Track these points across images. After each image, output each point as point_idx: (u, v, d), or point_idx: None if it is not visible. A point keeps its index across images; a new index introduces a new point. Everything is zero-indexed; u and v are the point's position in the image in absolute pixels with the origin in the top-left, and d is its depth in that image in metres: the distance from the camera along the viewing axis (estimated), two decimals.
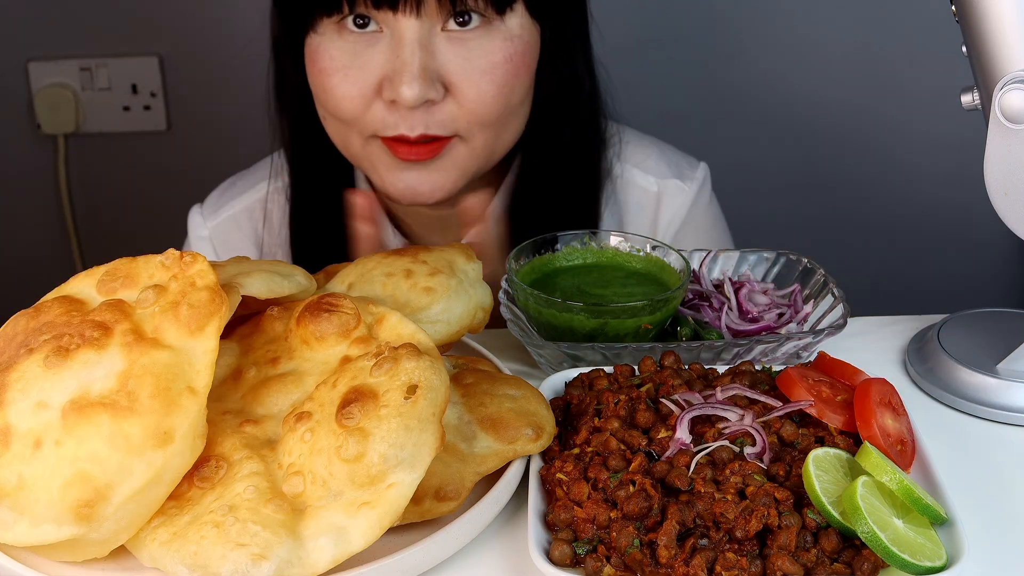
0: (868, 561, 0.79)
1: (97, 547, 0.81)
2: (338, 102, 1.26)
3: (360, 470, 0.79)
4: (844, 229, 2.37)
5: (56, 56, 2.32)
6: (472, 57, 1.23)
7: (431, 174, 1.29)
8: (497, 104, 1.26)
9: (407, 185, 1.30)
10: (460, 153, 1.29)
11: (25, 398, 0.82)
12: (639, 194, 1.49)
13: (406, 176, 1.29)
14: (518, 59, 1.26)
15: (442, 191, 1.31)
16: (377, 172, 1.31)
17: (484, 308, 1.05)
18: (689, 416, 0.91)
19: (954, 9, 1.01)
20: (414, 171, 1.29)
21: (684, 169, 1.52)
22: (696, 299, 1.19)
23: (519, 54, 1.26)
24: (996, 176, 1.00)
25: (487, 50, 1.24)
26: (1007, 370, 1.07)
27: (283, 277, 0.95)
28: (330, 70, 1.25)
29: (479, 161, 1.32)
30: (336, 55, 1.25)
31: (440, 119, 1.25)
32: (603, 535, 0.83)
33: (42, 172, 2.41)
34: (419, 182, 1.30)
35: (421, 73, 1.21)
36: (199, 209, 1.54)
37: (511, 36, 1.25)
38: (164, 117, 2.37)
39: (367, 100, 1.25)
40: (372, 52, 1.23)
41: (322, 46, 1.26)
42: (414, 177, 1.29)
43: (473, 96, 1.24)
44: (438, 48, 1.23)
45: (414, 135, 1.24)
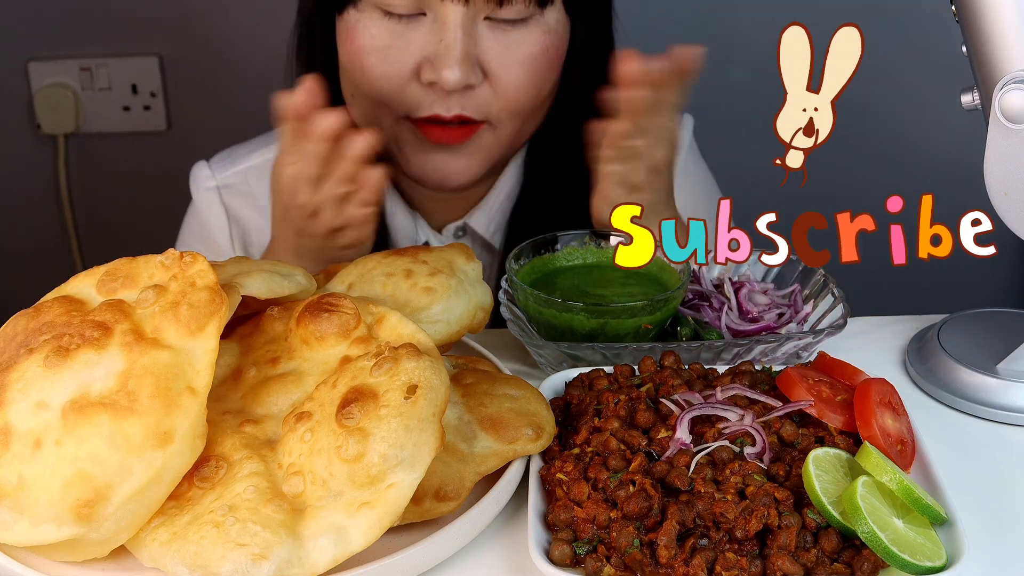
0: (868, 561, 0.79)
1: (97, 547, 0.81)
2: (375, 81, 1.27)
3: (360, 470, 0.79)
4: None
5: (56, 56, 2.32)
6: (512, 47, 1.26)
7: (459, 158, 1.32)
8: (530, 95, 1.29)
9: (434, 167, 1.32)
10: (488, 140, 1.32)
11: (25, 398, 0.82)
12: None
13: (434, 158, 1.32)
14: (553, 52, 1.29)
15: (467, 175, 1.33)
16: (404, 154, 1.33)
17: (484, 308, 1.05)
18: (689, 416, 0.91)
19: (954, 9, 1.01)
20: (442, 154, 1.31)
21: None
22: (696, 299, 1.19)
23: (554, 47, 1.29)
24: (996, 176, 1.00)
25: (527, 41, 1.27)
26: (1007, 370, 1.07)
27: (283, 277, 0.95)
28: (369, 48, 1.26)
29: (503, 149, 1.35)
30: (377, 34, 1.25)
31: (476, 103, 1.27)
32: (603, 535, 0.83)
33: (42, 172, 2.41)
34: (446, 165, 1.32)
35: (464, 57, 1.23)
36: (206, 163, 1.52)
37: (549, 29, 1.28)
38: (164, 117, 2.37)
39: (404, 80, 1.26)
40: (414, 33, 1.25)
41: (361, 23, 1.26)
42: (441, 160, 1.32)
43: (510, 85, 1.27)
44: (480, 35, 1.25)
45: (450, 115, 1.26)
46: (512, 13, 1.24)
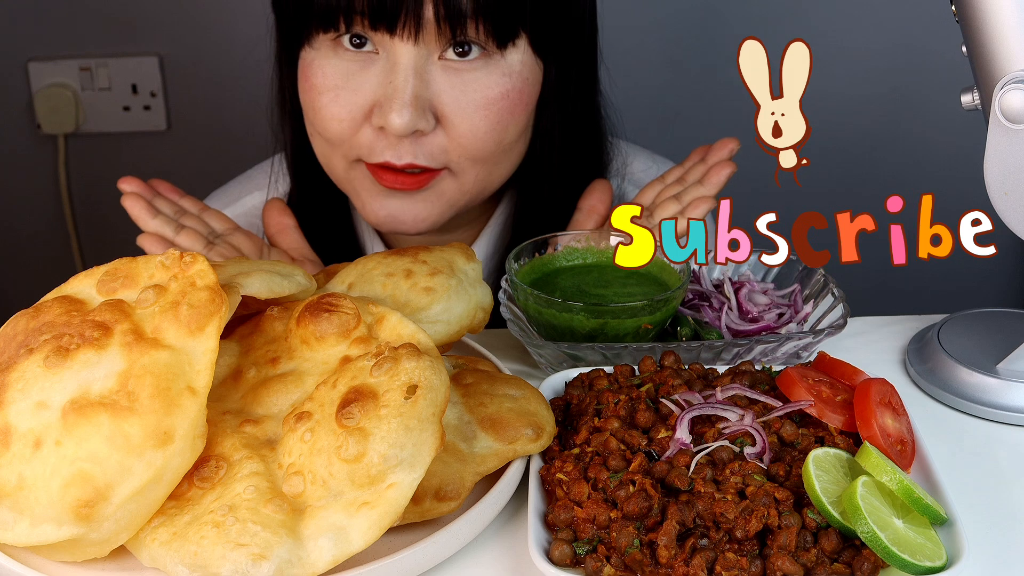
0: (868, 561, 0.79)
1: (97, 547, 0.81)
2: (326, 122, 1.22)
3: (360, 470, 0.79)
4: None
5: (56, 56, 2.32)
6: (468, 90, 1.19)
7: (415, 204, 1.26)
8: (490, 140, 1.22)
9: (388, 213, 1.26)
10: (449, 186, 1.26)
11: (25, 398, 0.82)
12: None
13: (389, 204, 1.26)
14: (515, 96, 1.22)
15: (425, 223, 1.27)
16: (360, 197, 1.28)
17: (484, 308, 1.05)
18: (689, 416, 0.91)
19: (954, 9, 1.01)
20: (397, 199, 1.25)
21: None
22: (696, 299, 1.19)
23: (516, 91, 1.22)
24: (996, 176, 1.00)
25: (484, 84, 1.20)
26: (1007, 370, 1.07)
27: (283, 277, 0.95)
28: (321, 88, 1.21)
29: (468, 196, 1.28)
30: (329, 73, 1.21)
31: (429, 150, 1.21)
32: (603, 535, 0.83)
33: (42, 172, 2.41)
34: (402, 211, 1.26)
35: (413, 101, 1.17)
36: None
37: (510, 72, 1.21)
38: (164, 117, 2.37)
39: (356, 123, 1.21)
40: (366, 75, 1.20)
41: (316, 62, 1.22)
42: (397, 206, 1.26)
43: (465, 130, 1.20)
44: (433, 77, 1.19)
45: (400, 163, 1.21)
46: (465, 54, 1.18)
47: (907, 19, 2.19)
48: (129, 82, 2.33)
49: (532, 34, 1.21)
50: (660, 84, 2.23)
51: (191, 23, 2.29)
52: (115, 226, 2.47)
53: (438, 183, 1.25)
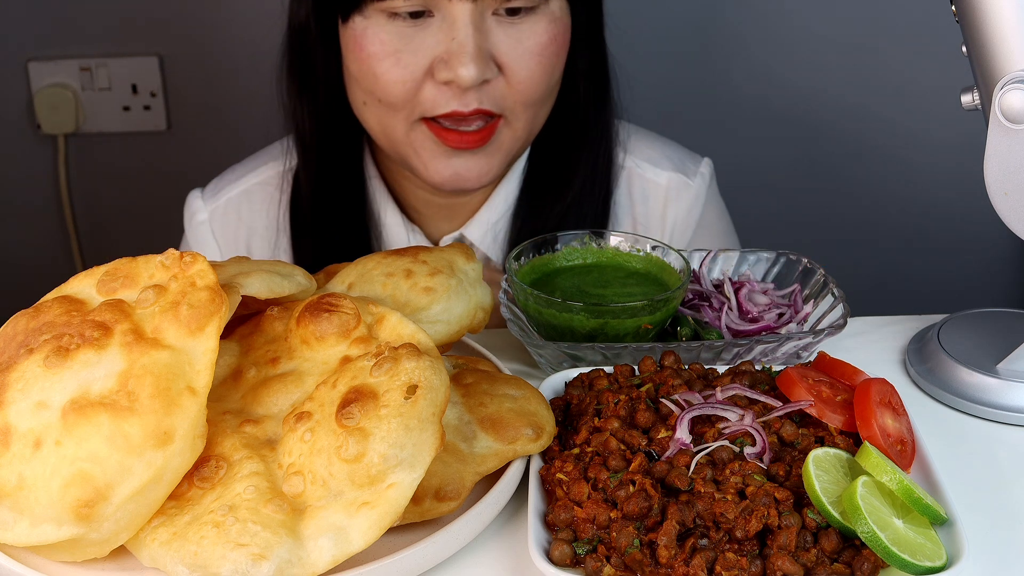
0: (868, 561, 0.79)
1: (97, 547, 0.81)
2: (389, 86, 1.27)
3: (360, 470, 0.79)
4: (844, 229, 2.37)
5: (56, 56, 2.32)
6: (523, 39, 1.27)
7: (478, 160, 1.32)
8: (543, 84, 1.30)
9: (454, 172, 1.32)
10: (505, 137, 1.32)
11: (25, 398, 0.82)
12: (648, 186, 1.50)
13: (453, 163, 1.31)
14: (561, 40, 1.30)
15: (488, 176, 1.33)
16: (421, 159, 1.32)
17: (484, 308, 1.05)
18: (689, 416, 0.91)
19: (954, 9, 1.01)
20: (461, 158, 1.31)
21: (688, 165, 1.53)
22: (696, 299, 1.19)
23: (561, 35, 1.30)
24: (996, 176, 1.00)
25: (535, 31, 1.27)
26: (1007, 370, 1.07)
27: (283, 277, 0.95)
28: (381, 54, 1.26)
29: (519, 143, 1.35)
30: (386, 39, 1.25)
31: (492, 97, 1.27)
32: (603, 535, 0.83)
33: (42, 172, 2.41)
34: (466, 169, 1.32)
35: (477, 53, 1.23)
36: (199, 193, 1.53)
37: (554, 18, 1.29)
38: (164, 117, 2.37)
39: (418, 82, 1.27)
40: (424, 35, 1.25)
41: (369, 30, 1.26)
42: (461, 164, 1.31)
43: (524, 77, 1.28)
44: (490, 29, 1.25)
45: (468, 110, 1.26)
46: (520, 3, 1.25)
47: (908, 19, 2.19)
48: (129, 82, 2.33)
49: None
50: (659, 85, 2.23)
51: (191, 23, 2.29)
52: (115, 226, 2.47)
53: (497, 136, 1.31)
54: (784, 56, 2.25)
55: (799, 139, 2.32)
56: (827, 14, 2.23)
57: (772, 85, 2.28)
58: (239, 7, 2.25)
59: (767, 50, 2.26)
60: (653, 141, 1.54)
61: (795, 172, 2.35)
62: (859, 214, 2.36)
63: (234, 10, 2.26)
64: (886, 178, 2.33)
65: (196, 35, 2.30)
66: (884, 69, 2.24)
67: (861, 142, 2.31)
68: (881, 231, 2.38)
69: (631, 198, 1.49)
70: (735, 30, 2.24)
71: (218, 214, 1.51)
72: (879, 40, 2.23)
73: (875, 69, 2.25)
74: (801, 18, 2.23)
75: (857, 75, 2.25)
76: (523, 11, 1.27)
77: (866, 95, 2.26)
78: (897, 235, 2.37)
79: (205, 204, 1.52)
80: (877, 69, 2.25)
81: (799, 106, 2.29)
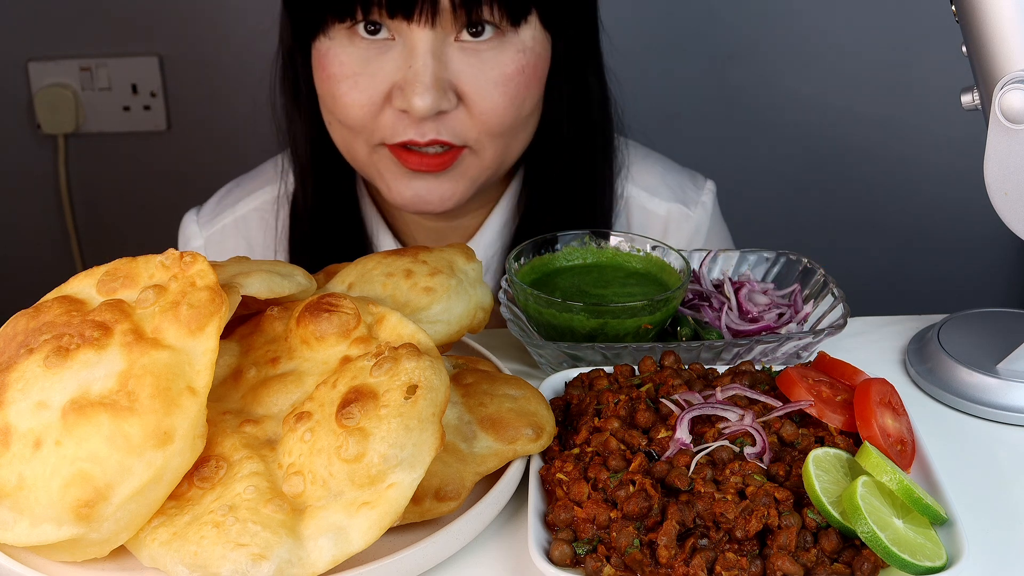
0: (868, 561, 0.79)
1: (97, 547, 0.81)
2: (347, 109, 1.25)
3: (360, 470, 0.79)
4: (844, 229, 2.37)
5: (56, 56, 2.32)
6: (485, 68, 1.23)
7: (441, 184, 1.29)
8: (508, 115, 1.26)
9: (415, 194, 1.29)
10: (471, 164, 1.29)
11: (25, 398, 0.82)
12: (647, 217, 1.48)
13: (414, 185, 1.28)
14: (530, 71, 1.26)
15: (451, 201, 1.30)
16: (384, 180, 1.30)
17: (484, 308, 1.05)
18: (689, 416, 0.91)
19: (954, 9, 1.01)
20: (422, 180, 1.28)
21: (689, 192, 1.50)
22: (696, 299, 1.19)
23: (531, 66, 1.26)
24: (996, 176, 1.00)
25: (500, 61, 1.23)
26: (1007, 370, 1.07)
27: (283, 277, 0.95)
28: (339, 76, 1.24)
29: (489, 171, 1.31)
30: (346, 61, 1.23)
31: (451, 127, 1.24)
32: (603, 535, 0.83)
33: (42, 172, 2.41)
34: (428, 191, 1.29)
35: (434, 83, 1.20)
36: (195, 217, 1.52)
37: (524, 48, 1.25)
38: (164, 117, 2.37)
39: (376, 107, 1.24)
40: (383, 60, 1.22)
41: (331, 51, 1.24)
42: (422, 186, 1.28)
43: (486, 107, 1.24)
44: (451, 58, 1.22)
45: (424, 140, 1.23)
46: (481, 33, 1.21)
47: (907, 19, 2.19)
48: (129, 82, 2.33)
49: (541, 10, 1.25)
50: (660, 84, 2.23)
51: (191, 23, 2.29)
52: (115, 226, 2.47)
53: (460, 162, 1.28)
54: (785, 58, 2.25)
55: (799, 140, 2.32)
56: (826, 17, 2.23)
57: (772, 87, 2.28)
58: (239, 8, 2.25)
59: (768, 52, 2.26)
60: (653, 165, 1.51)
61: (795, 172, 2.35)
62: (859, 214, 2.36)
63: (234, 11, 2.26)
64: (886, 178, 2.33)
65: (196, 35, 2.30)
66: (883, 70, 2.24)
67: (861, 142, 2.31)
68: (881, 231, 2.38)
69: (626, 226, 1.47)
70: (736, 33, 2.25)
71: (214, 240, 1.50)
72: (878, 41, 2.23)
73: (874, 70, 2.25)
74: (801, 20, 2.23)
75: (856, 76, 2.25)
76: (487, 40, 1.22)
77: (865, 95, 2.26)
78: (897, 235, 2.37)
79: (201, 230, 1.51)
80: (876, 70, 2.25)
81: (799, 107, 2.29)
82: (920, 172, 2.31)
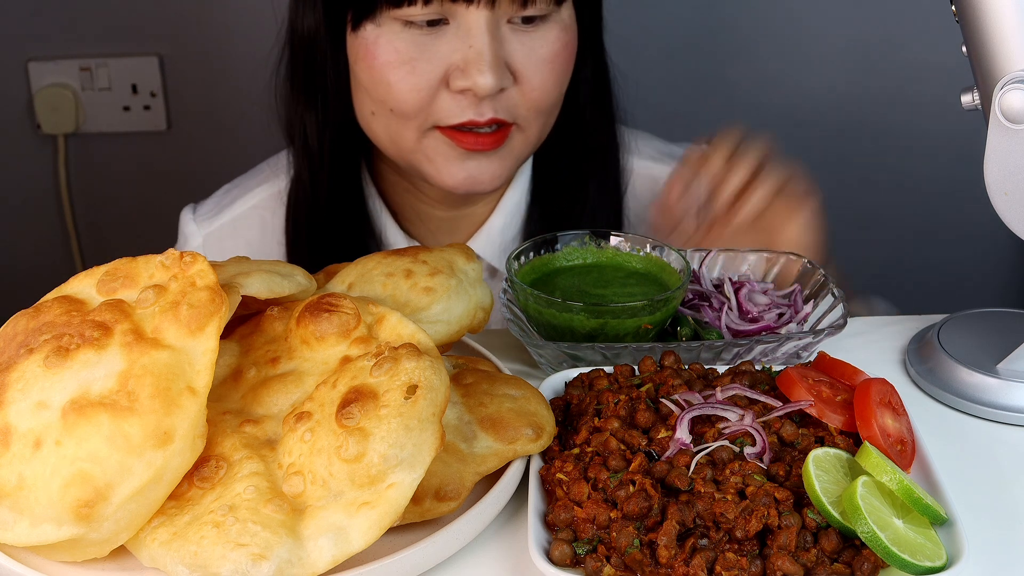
0: (868, 561, 0.79)
1: (97, 547, 0.81)
2: (404, 95, 1.26)
3: (360, 470, 0.79)
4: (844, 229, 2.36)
5: (56, 56, 2.32)
6: (535, 46, 1.27)
7: (492, 163, 1.32)
8: (555, 91, 1.31)
9: (468, 175, 1.31)
10: (517, 142, 1.33)
11: (25, 398, 0.82)
12: (653, 184, 1.50)
13: (467, 166, 1.31)
14: (571, 47, 1.31)
15: (500, 179, 1.34)
16: (435, 164, 1.32)
17: (484, 308, 1.05)
18: (689, 416, 0.91)
19: (954, 9, 1.01)
20: (475, 161, 1.31)
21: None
22: (696, 299, 1.19)
23: (572, 42, 1.31)
24: (996, 176, 1.00)
25: (547, 39, 1.28)
26: (1007, 370, 1.07)
27: (283, 277, 0.95)
28: (395, 63, 1.25)
29: (529, 149, 1.35)
30: (401, 47, 1.25)
31: (506, 105, 1.28)
32: (603, 535, 0.83)
33: (42, 172, 2.41)
34: (480, 171, 1.32)
35: (495, 62, 1.23)
36: (192, 216, 1.52)
37: (565, 26, 1.30)
38: (164, 117, 2.37)
39: (433, 91, 1.26)
40: (438, 43, 1.25)
41: (383, 38, 1.25)
42: (475, 167, 1.31)
43: (537, 84, 1.28)
44: (505, 38, 1.26)
45: (484, 119, 1.26)
46: (535, 11, 1.25)
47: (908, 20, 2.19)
48: (129, 82, 2.33)
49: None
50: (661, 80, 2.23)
51: (191, 23, 2.29)
52: (115, 226, 2.47)
53: (510, 140, 1.32)
54: (785, 58, 2.25)
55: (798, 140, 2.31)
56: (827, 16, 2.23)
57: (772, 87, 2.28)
58: (239, 7, 2.25)
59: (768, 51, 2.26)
60: (649, 139, 1.55)
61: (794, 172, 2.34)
62: (859, 214, 2.36)
63: (234, 10, 2.26)
64: (886, 178, 2.33)
65: (196, 35, 2.30)
66: (884, 70, 2.24)
67: (860, 143, 2.31)
68: (881, 231, 2.38)
69: (637, 199, 1.49)
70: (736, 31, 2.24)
71: (213, 239, 1.51)
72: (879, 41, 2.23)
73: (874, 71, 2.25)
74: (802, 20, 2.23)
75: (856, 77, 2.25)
76: (536, 19, 1.27)
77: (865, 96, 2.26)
78: (897, 235, 2.37)
79: (199, 228, 1.51)
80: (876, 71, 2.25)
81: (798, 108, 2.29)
82: (920, 172, 2.31)
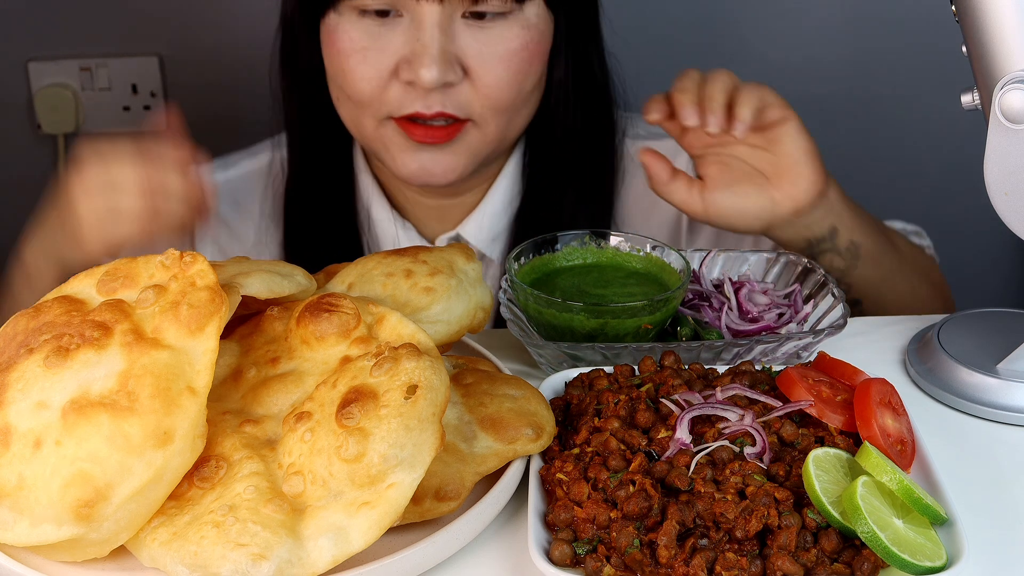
0: (868, 561, 0.79)
1: (97, 547, 0.81)
2: (356, 83, 1.28)
3: (360, 470, 0.79)
4: None
5: (56, 56, 2.32)
6: (490, 43, 1.27)
7: (444, 156, 1.32)
8: (511, 90, 1.30)
9: (420, 166, 1.33)
10: (473, 137, 1.32)
11: (25, 398, 0.82)
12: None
13: (420, 157, 1.32)
14: (533, 47, 1.30)
15: (454, 173, 1.34)
16: (390, 153, 1.33)
17: (484, 308, 1.05)
18: (689, 416, 0.91)
19: (954, 9, 1.01)
20: (427, 153, 1.32)
21: None
22: (696, 299, 1.19)
23: (534, 42, 1.30)
24: (996, 176, 1.00)
25: (504, 37, 1.27)
26: (1007, 370, 1.07)
27: (283, 277, 0.95)
28: (349, 51, 1.27)
29: (491, 145, 1.35)
30: (356, 36, 1.27)
31: (456, 100, 1.28)
32: (603, 535, 0.83)
33: (42, 172, 2.41)
34: (432, 163, 1.32)
35: (441, 56, 1.24)
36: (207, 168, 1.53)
37: (528, 25, 1.29)
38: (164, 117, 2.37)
39: (384, 81, 1.28)
40: (391, 34, 1.26)
41: (340, 27, 1.28)
42: (427, 159, 1.32)
43: (489, 82, 1.28)
44: (457, 33, 1.26)
45: (430, 112, 1.27)
46: (489, 8, 1.25)
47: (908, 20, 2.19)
48: (129, 82, 2.33)
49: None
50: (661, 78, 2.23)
51: (191, 23, 2.29)
52: None
53: (464, 135, 1.32)
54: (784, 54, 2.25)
55: None
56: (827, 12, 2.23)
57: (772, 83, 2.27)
58: (239, 7, 2.25)
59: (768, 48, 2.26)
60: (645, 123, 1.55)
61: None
62: None
63: (234, 10, 2.26)
64: (885, 178, 2.33)
65: (196, 35, 2.30)
66: (884, 70, 2.24)
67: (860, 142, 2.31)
68: None
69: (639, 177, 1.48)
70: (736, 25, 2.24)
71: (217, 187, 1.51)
72: (879, 40, 2.23)
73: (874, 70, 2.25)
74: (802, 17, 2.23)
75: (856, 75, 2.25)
76: (493, 15, 1.27)
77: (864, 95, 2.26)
78: None
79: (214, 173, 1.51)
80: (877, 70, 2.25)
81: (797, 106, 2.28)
82: (919, 172, 2.31)
